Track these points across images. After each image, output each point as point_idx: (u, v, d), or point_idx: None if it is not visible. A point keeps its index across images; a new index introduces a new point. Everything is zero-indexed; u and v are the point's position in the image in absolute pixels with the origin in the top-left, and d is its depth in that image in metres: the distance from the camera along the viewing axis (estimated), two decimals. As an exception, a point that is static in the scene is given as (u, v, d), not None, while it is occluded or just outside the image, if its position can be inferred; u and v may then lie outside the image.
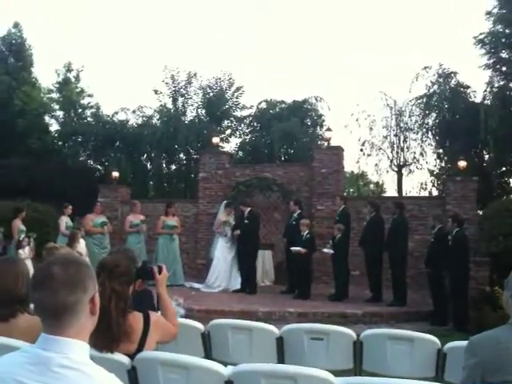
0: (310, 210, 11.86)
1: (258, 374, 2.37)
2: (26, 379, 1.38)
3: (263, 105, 17.76)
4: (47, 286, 1.44)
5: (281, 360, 3.51)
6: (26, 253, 8.75)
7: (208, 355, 3.45)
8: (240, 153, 17.65)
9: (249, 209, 10.32)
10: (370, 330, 3.68)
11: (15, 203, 11.59)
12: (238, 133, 18.04)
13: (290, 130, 15.84)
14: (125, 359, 2.45)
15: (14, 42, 20.46)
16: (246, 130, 17.97)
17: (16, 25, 20.73)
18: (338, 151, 12.40)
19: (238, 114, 18.01)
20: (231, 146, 17.96)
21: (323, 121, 17.32)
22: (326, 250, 9.52)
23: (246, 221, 10.14)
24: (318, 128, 17.24)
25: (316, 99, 17.21)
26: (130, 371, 2.49)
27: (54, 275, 1.44)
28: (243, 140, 17.94)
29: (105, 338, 2.35)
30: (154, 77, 19.94)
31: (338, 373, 2.65)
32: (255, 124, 17.67)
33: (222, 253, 10.61)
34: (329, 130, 12.94)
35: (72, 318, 1.45)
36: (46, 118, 19.07)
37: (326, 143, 12.87)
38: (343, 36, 51.74)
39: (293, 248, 9.43)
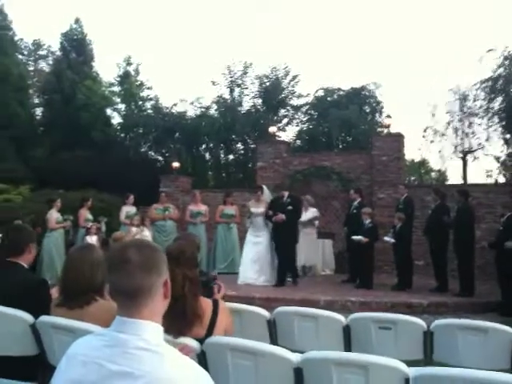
0: (371, 199, 11.64)
1: (328, 362, 2.33)
2: (105, 361, 1.40)
3: (320, 92, 17.57)
4: (123, 269, 1.46)
5: (347, 349, 3.45)
6: (93, 240, 9.09)
7: (274, 342, 3.44)
8: (297, 141, 17.56)
9: (287, 193, 9.50)
10: (441, 320, 3.55)
11: (81, 193, 12.05)
12: (294, 121, 17.95)
13: (349, 117, 15.58)
14: (195, 343, 2.47)
15: (75, 37, 21.17)
16: (303, 119, 17.85)
17: (77, 20, 21.45)
18: (398, 138, 12.08)
19: (295, 102, 17.91)
20: (288, 134, 17.91)
21: (382, 107, 16.95)
22: (387, 238, 9.31)
23: (290, 206, 9.24)
24: (377, 115, 16.89)
25: (375, 85, 16.84)
26: (199, 355, 2.51)
27: (130, 259, 1.46)
28: (300, 129, 17.83)
29: (179, 323, 2.38)
30: (211, 68, 20.28)
31: (407, 363, 2.56)
32: (312, 112, 17.50)
33: (252, 246, 9.54)
34: (388, 116, 12.65)
35: (147, 300, 1.46)
36: (108, 110, 19.69)
37: (385, 130, 12.58)
38: (403, 19, 50.32)
39: (354, 237, 9.28)
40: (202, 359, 2.53)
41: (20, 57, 22.91)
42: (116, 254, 1.51)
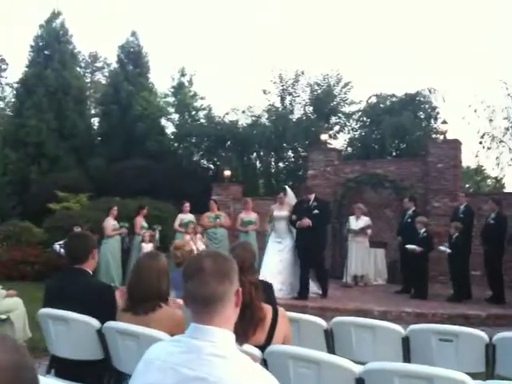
0: (425, 207, 11.39)
1: (391, 373, 2.31)
2: (181, 367, 1.46)
3: (373, 99, 17.35)
4: (198, 278, 1.52)
5: (407, 360, 3.40)
6: (149, 248, 9.33)
7: (331, 352, 3.43)
8: (349, 149, 17.41)
9: (313, 195, 8.72)
10: (503, 333, 3.44)
11: (137, 202, 12.39)
12: (346, 129, 17.82)
13: (402, 123, 15.32)
14: (256, 351, 2.51)
15: (131, 50, 21.86)
16: (355, 126, 17.68)
17: (133, 33, 22.15)
18: (455, 145, 11.77)
19: (347, 109, 17.78)
20: (340, 142, 17.80)
21: (438, 113, 16.54)
22: (443, 248, 9.07)
23: (316, 210, 8.36)
24: (433, 121, 16.49)
25: (429, 91, 16.47)
26: (260, 363, 2.54)
27: (205, 267, 1.53)
28: (352, 136, 17.68)
29: (246, 329, 2.43)
30: (262, 77, 20.41)
31: (468, 376, 2.51)
32: (365, 119, 17.31)
33: (275, 254, 8.78)
34: (444, 122, 12.35)
35: (220, 307, 1.52)
36: (163, 121, 20.17)
37: (441, 137, 12.28)
38: (458, 23, 49.09)
39: (408, 246, 9.11)
40: (263, 367, 2.56)
41: (78, 69, 23.81)
42: (191, 263, 1.58)
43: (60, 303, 3.11)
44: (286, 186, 9.63)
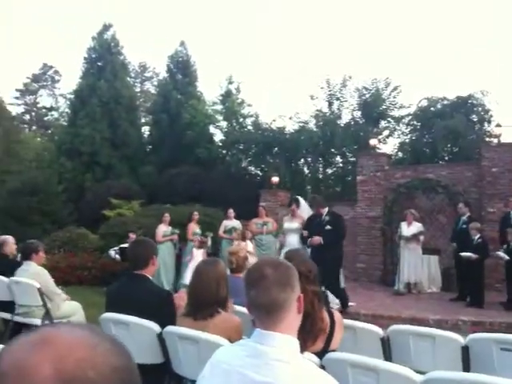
0: (480, 213, 11.05)
1: (453, 383, 2.28)
2: (247, 371, 1.50)
3: (423, 103, 17.01)
4: (261, 285, 1.56)
5: (466, 370, 3.33)
6: (199, 254, 9.48)
7: (388, 360, 3.40)
8: (399, 154, 17.12)
9: (327, 209, 7.81)
10: None
11: (187, 208, 12.60)
12: (396, 133, 17.51)
13: (454, 127, 14.93)
14: (315, 359, 2.52)
15: (180, 59, 22.33)
16: (405, 130, 17.36)
17: (182, 43, 22.64)
18: (510, 148, 11.38)
19: (396, 113, 17.49)
20: (389, 147, 17.51)
21: (491, 116, 16.00)
22: (501, 254, 8.79)
23: (328, 226, 7.56)
24: (486, 124, 15.99)
25: (482, 93, 16.00)
26: (318, 370, 2.56)
27: (266, 275, 1.56)
28: (402, 140, 17.37)
29: (307, 337, 2.45)
30: (309, 83, 20.38)
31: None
32: (415, 123, 16.98)
33: None
34: (498, 125, 11.97)
35: (283, 314, 1.55)
36: (211, 128, 20.45)
37: (495, 140, 11.91)
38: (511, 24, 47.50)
39: (463, 254, 8.87)
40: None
41: (128, 79, 24.50)
42: (253, 272, 1.63)
43: (121, 308, 3.22)
44: (299, 197, 8.80)
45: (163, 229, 10.57)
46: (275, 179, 14.26)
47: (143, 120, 25.81)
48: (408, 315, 7.62)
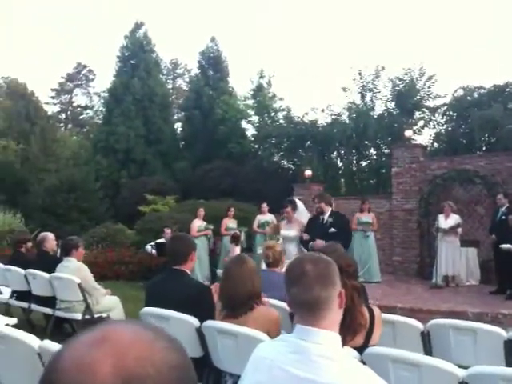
0: (520, 204, 10.74)
1: (496, 377, 2.23)
2: (290, 367, 1.50)
3: (459, 92, 16.61)
4: (302, 282, 1.56)
5: (509, 365, 3.25)
6: (236, 249, 9.55)
7: (428, 355, 3.35)
8: (435, 144, 16.79)
9: (330, 209, 6.90)
10: None
11: (221, 203, 12.68)
12: (431, 124, 17.14)
13: (492, 116, 14.53)
14: (355, 353, 2.51)
15: (211, 55, 22.45)
16: (441, 121, 16.97)
17: (213, 39, 22.76)
18: (551, 136, 11.03)
19: (431, 104, 17.13)
20: (424, 138, 17.21)
21: (531, 104, 15.53)
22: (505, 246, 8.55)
23: (332, 228, 6.65)
24: (525, 112, 15.50)
25: (520, 81, 15.51)
26: (359, 365, 2.54)
27: (307, 272, 1.56)
28: (438, 131, 17.01)
29: (346, 332, 2.44)
30: (341, 75, 20.17)
31: None
32: (451, 113, 16.60)
33: None
34: (539, 113, 11.60)
35: (325, 311, 1.55)
36: (243, 123, 20.51)
37: (536, 128, 11.55)
38: (549, 6, 45.78)
39: (503, 246, 8.65)
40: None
41: (160, 76, 24.76)
42: (294, 269, 1.62)
43: (161, 303, 3.27)
44: (296, 198, 7.70)
45: (198, 223, 10.67)
46: (308, 173, 14.19)
47: (176, 116, 26.08)
48: (446, 309, 7.48)
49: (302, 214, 7.28)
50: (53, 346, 2.48)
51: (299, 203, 7.42)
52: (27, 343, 2.59)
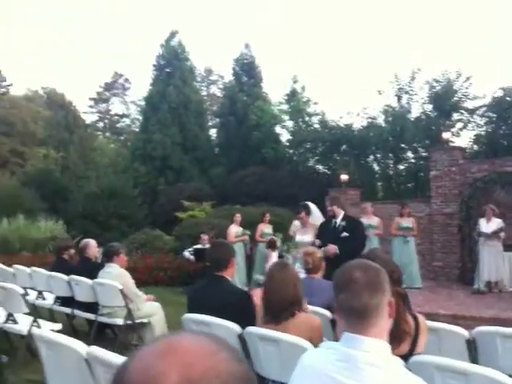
0: None
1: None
2: (337, 375, 1.49)
3: (499, 93, 16.20)
4: (350, 289, 1.54)
5: (560, 374, 3.14)
6: (273, 255, 9.56)
7: (474, 363, 3.27)
8: (474, 147, 16.41)
9: (343, 213, 6.45)
10: None
11: (256, 208, 12.70)
12: (470, 125, 16.78)
13: (534, 116, 14.13)
14: (400, 361, 2.47)
15: (245, 61, 22.61)
16: (480, 122, 16.60)
17: (246, 46, 22.93)
18: None
19: (469, 105, 16.76)
20: (463, 140, 16.86)
21: None
22: None
23: (345, 233, 6.23)
24: None
25: None
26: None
27: (356, 279, 1.55)
28: (477, 133, 16.63)
29: (392, 340, 2.41)
30: (376, 78, 19.97)
31: None
32: (490, 114, 16.20)
33: None
34: None
35: (374, 318, 1.53)
36: (278, 128, 20.54)
37: None
38: None
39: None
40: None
41: (195, 83, 25.05)
42: (342, 275, 1.61)
43: (203, 309, 3.30)
44: (309, 203, 7.30)
45: (235, 229, 10.71)
46: (344, 177, 14.07)
47: (210, 123, 26.33)
48: (491, 315, 7.28)
49: (317, 218, 7.00)
50: (100, 352, 2.53)
51: (313, 207, 7.17)
52: (75, 349, 2.65)
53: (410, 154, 17.31)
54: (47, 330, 4.27)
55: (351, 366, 1.48)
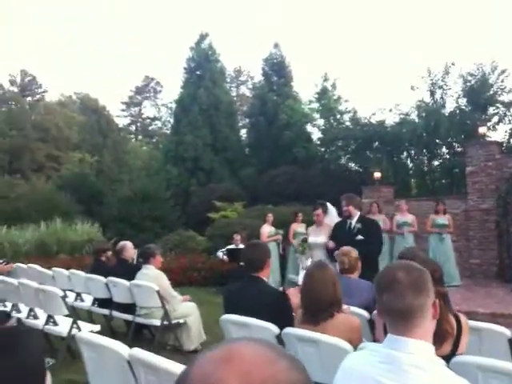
0: None
1: None
2: (382, 377, 1.48)
3: (537, 84, 15.73)
4: (394, 290, 1.53)
5: None
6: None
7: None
8: (511, 141, 15.98)
9: (359, 213, 6.06)
10: None
11: (288, 208, 12.67)
12: (506, 119, 16.34)
13: None
14: (442, 361, 2.43)
15: (275, 61, 22.60)
16: (517, 115, 16.15)
17: (276, 45, 22.91)
18: None
19: (505, 98, 16.33)
20: (499, 134, 16.39)
21: None
22: None
23: (360, 236, 5.82)
24: None
25: None
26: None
27: (399, 279, 1.53)
28: (514, 126, 16.17)
29: (435, 341, 2.38)
30: (408, 73, 19.68)
31: None
32: (528, 107, 15.76)
33: None
34: None
35: (418, 320, 1.51)
36: (309, 127, 20.44)
37: None
38: None
39: None
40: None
41: (225, 84, 25.17)
42: (385, 275, 1.60)
43: (239, 310, 3.31)
44: (327, 203, 6.80)
45: (267, 229, 10.72)
46: (377, 174, 13.91)
47: (240, 123, 26.41)
48: (532, 314, 7.09)
49: (334, 220, 6.50)
50: (142, 353, 2.57)
51: (331, 207, 6.72)
52: (117, 351, 2.69)
53: (444, 150, 16.97)
54: (88, 331, 4.35)
55: (395, 368, 1.47)
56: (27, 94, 42.58)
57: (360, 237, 5.77)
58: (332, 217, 6.61)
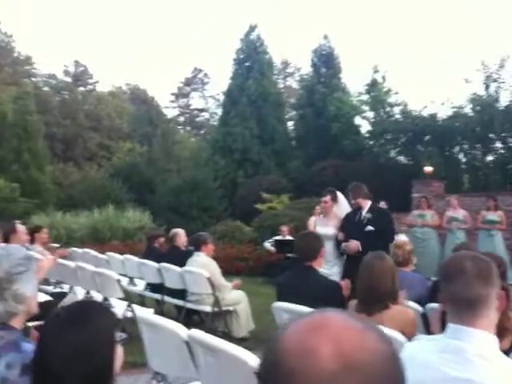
0: None
1: None
2: (445, 367, 1.48)
3: None
4: (460, 279, 1.54)
5: None
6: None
7: None
8: None
9: (369, 203, 5.74)
10: None
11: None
12: None
13: None
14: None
15: (323, 52, 22.42)
16: None
17: (325, 37, 22.72)
18: None
19: None
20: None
21: None
22: None
23: (370, 227, 5.51)
24: None
25: None
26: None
27: (466, 269, 1.54)
28: None
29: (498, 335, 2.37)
30: (462, 66, 19.13)
31: None
32: None
33: None
34: None
35: (483, 310, 1.52)
36: (357, 119, 20.21)
37: None
38: None
39: None
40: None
41: (273, 76, 25.15)
42: (452, 265, 1.61)
43: (292, 299, 3.36)
44: (337, 191, 6.24)
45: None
46: (428, 169, 13.65)
47: (287, 115, 26.37)
48: None
49: (343, 210, 6.02)
50: (201, 335, 2.66)
51: (341, 196, 6.17)
52: (177, 332, 2.80)
53: (498, 145, 16.45)
54: (151, 314, 4.50)
55: (459, 358, 1.48)
56: (80, 84, 43.83)
57: (370, 228, 5.51)
58: (342, 207, 6.09)
